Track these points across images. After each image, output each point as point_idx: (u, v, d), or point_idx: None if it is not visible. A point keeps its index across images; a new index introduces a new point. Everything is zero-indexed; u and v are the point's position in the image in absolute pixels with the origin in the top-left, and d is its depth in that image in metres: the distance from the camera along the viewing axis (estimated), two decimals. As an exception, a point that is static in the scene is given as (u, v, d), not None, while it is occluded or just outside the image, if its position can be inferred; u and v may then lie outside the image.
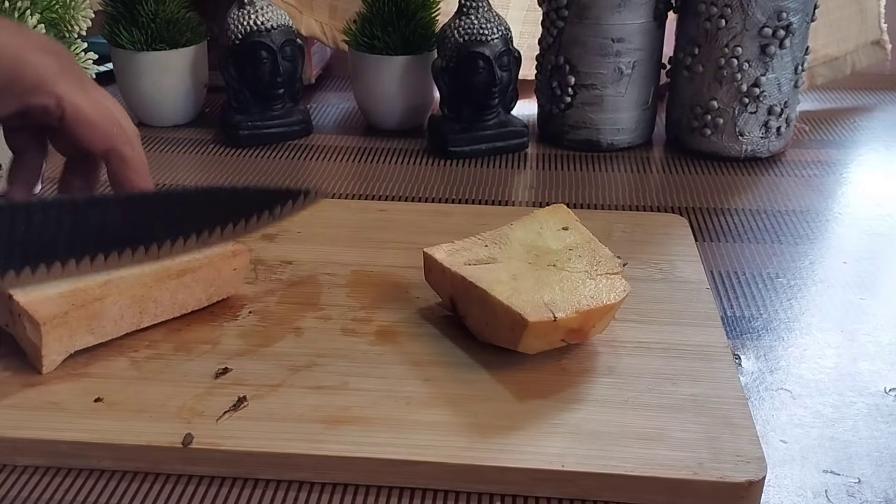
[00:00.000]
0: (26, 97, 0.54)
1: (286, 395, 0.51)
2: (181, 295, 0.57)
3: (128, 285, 0.54)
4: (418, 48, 0.92)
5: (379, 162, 0.89)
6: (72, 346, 0.53)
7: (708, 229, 0.75)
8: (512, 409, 0.50)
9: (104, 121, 0.56)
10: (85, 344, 0.53)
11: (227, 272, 0.59)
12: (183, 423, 0.48)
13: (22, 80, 0.53)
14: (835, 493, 0.47)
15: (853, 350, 0.59)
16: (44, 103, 0.54)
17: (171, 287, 0.56)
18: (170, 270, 0.56)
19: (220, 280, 0.59)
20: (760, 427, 0.51)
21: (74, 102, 0.54)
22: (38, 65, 0.54)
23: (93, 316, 0.53)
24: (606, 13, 0.86)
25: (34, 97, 0.54)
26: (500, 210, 0.77)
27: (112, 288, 0.54)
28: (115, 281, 0.54)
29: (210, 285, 0.58)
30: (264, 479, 0.47)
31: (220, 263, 0.58)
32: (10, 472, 0.47)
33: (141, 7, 0.91)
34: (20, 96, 0.54)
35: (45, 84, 0.54)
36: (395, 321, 0.58)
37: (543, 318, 0.50)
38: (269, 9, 0.89)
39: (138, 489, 0.46)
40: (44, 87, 0.54)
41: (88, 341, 0.53)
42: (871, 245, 0.73)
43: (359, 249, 0.67)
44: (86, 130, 0.55)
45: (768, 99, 0.87)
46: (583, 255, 0.56)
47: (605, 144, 0.91)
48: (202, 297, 0.58)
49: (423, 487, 0.46)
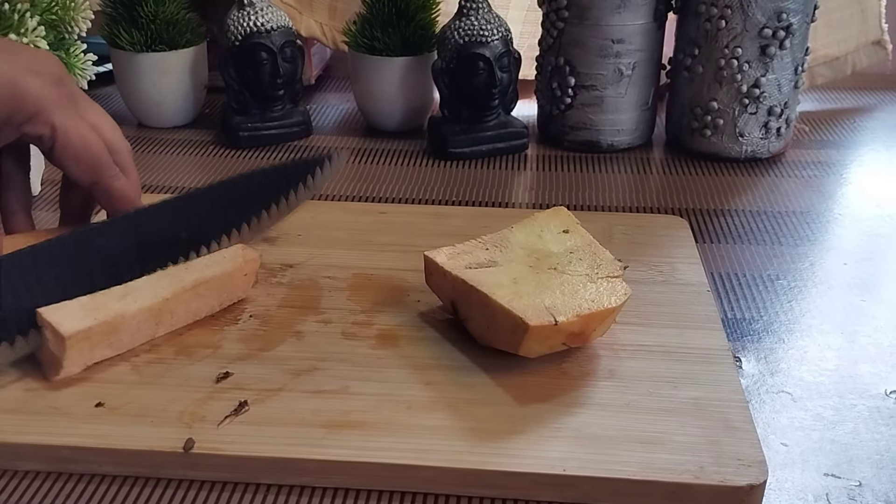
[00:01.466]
0: (24, 127, 0.54)
1: (287, 399, 0.51)
2: (195, 304, 0.57)
3: (147, 298, 0.54)
4: (418, 49, 0.92)
5: (379, 163, 0.89)
6: (91, 360, 0.52)
7: (708, 231, 0.75)
8: (513, 413, 0.50)
9: (89, 156, 0.56)
10: (102, 356, 0.53)
11: (239, 278, 0.59)
12: (184, 428, 0.48)
13: (22, 109, 0.53)
14: (836, 496, 0.47)
15: (854, 352, 0.59)
16: (40, 132, 0.54)
17: (187, 298, 0.56)
18: (185, 282, 0.56)
19: (231, 286, 0.59)
20: (761, 430, 0.51)
21: (66, 135, 0.54)
22: (38, 93, 0.54)
23: (112, 330, 0.53)
24: (606, 14, 0.86)
25: (32, 127, 0.54)
26: (500, 212, 0.77)
27: (131, 302, 0.53)
28: (134, 294, 0.54)
29: (222, 292, 0.58)
30: (265, 484, 0.47)
31: (233, 271, 0.58)
32: (12, 477, 0.47)
33: (140, 8, 0.91)
34: (19, 127, 0.54)
35: (43, 113, 0.54)
36: (396, 325, 0.58)
37: (544, 322, 0.50)
38: (268, 10, 0.89)
39: (139, 494, 0.46)
40: (41, 117, 0.54)
41: (106, 354, 0.53)
42: (871, 246, 0.73)
43: (359, 252, 0.67)
44: (72, 165, 0.56)
45: (768, 100, 0.87)
46: (583, 259, 0.56)
47: (606, 145, 0.91)
48: (214, 305, 0.58)
49: (424, 492, 0.46)
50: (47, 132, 0.54)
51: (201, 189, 0.62)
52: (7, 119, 0.53)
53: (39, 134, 0.54)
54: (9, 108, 0.53)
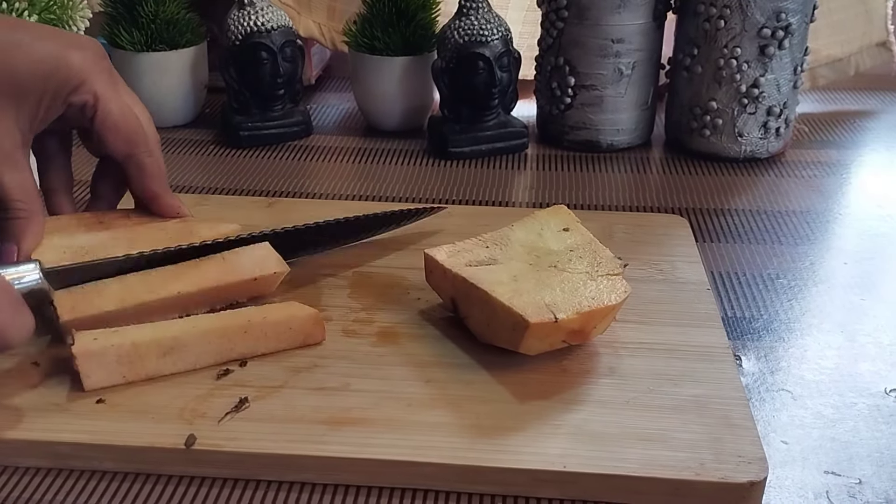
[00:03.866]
0: (71, 97, 0.58)
1: (288, 396, 0.51)
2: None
3: (191, 356, 0.53)
4: (418, 49, 0.92)
5: (379, 163, 0.89)
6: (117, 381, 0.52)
7: (708, 230, 0.75)
8: (513, 410, 0.50)
9: (128, 127, 0.59)
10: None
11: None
12: (185, 425, 0.48)
13: (68, 80, 0.57)
14: (836, 493, 0.47)
15: (854, 351, 0.59)
16: (84, 100, 0.58)
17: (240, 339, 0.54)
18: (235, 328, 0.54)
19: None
20: (761, 428, 0.51)
21: (106, 105, 0.58)
22: (80, 64, 0.57)
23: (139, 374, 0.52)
24: (606, 14, 0.86)
25: (77, 96, 0.58)
26: (500, 211, 0.77)
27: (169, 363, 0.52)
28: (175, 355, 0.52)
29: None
30: (266, 480, 0.47)
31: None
32: (13, 473, 0.47)
33: (141, 8, 0.91)
34: (66, 97, 0.57)
35: (87, 83, 0.58)
36: (397, 322, 0.58)
37: (545, 320, 0.50)
38: (269, 10, 0.89)
39: (140, 490, 0.46)
40: (85, 87, 0.58)
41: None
42: (871, 246, 0.73)
43: (359, 250, 0.67)
44: (110, 135, 0.59)
45: (767, 100, 0.87)
46: (584, 256, 0.57)
47: (605, 145, 0.92)
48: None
49: (424, 488, 0.46)
50: (91, 100, 0.57)
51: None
52: (55, 91, 0.56)
53: (83, 101, 0.57)
54: (56, 79, 0.56)
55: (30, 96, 0.56)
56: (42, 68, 0.56)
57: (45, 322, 0.54)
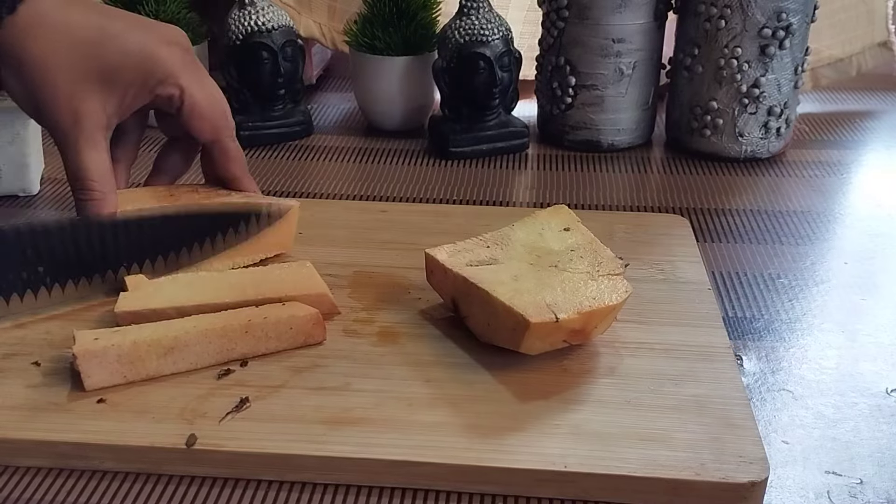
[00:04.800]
0: (157, 89, 0.60)
1: (288, 396, 0.51)
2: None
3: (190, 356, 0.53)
4: (419, 49, 0.92)
5: (379, 162, 0.89)
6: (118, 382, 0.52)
7: (708, 230, 0.75)
8: (514, 410, 0.50)
9: (214, 115, 0.63)
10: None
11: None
12: (186, 424, 0.48)
13: (154, 73, 0.60)
14: (837, 493, 0.47)
15: (855, 351, 0.59)
16: (171, 93, 0.61)
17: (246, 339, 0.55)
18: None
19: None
20: (762, 428, 0.51)
21: (193, 96, 0.61)
22: (167, 59, 0.60)
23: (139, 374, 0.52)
24: (607, 14, 0.86)
25: (163, 88, 0.60)
26: (500, 211, 0.77)
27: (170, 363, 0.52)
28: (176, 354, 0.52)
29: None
30: (267, 480, 0.47)
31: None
32: (13, 473, 0.47)
33: (141, 7, 0.91)
34: (153, 89, 0.60)
35: (173, 76, 0.60)
36: (397, 322, 0.58)
37: (545, 319, 0.50)
38: (269, 9, 0.89)
39: (140, 490, 0.46)
40: (171, 80, 0.60)
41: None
42: (872, 246, 0.73)
43: (360, 250, 0.67)
44: (198, 122, 0.62)
45: (768, 100, 0.87)
46: (584, 256, 0.56)
47: (606, 145, 0.92)
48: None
49: (425, 488, 0.46)
50: (177, 93, 0.61)
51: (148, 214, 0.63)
52: (143, 82, 0.60)
53: (170, 94, 0.61)
54: (143, 72, 0.60)
55: (118, 84, 0.59)
56: (132, 60, 0.59)
57: None
